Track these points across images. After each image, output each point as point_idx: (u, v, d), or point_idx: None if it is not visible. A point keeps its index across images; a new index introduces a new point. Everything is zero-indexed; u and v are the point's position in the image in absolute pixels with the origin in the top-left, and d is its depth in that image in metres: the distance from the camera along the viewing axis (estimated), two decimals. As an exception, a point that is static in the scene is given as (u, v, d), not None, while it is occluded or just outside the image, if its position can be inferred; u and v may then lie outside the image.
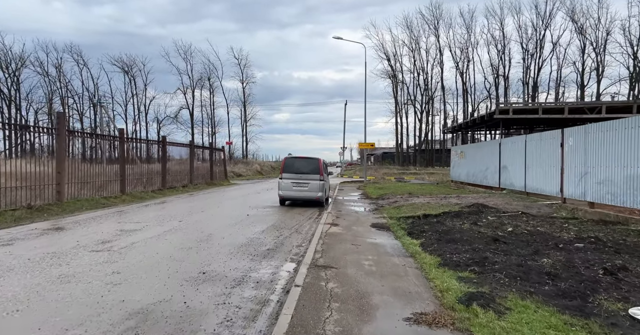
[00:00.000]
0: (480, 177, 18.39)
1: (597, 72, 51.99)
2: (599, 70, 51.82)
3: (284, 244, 7.40)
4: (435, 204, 12.94)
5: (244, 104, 59.81)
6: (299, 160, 14.16)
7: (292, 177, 13.72)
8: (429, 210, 11.24)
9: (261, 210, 12.33)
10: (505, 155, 15.43)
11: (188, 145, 21.85)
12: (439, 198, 14.72)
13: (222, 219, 10.36)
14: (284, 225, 9.52)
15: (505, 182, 15.54)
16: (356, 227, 8.81)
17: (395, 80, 60.44)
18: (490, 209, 10.84)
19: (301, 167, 13.92)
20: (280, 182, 13.80)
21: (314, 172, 13.78)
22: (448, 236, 6.66)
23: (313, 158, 14.14)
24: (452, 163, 23.95)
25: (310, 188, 13.61)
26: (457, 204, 12.54)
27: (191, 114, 56.06)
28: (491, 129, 20.09)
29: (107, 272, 5.25)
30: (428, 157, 61.52)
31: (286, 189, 13.67)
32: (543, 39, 54.89)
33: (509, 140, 15.18)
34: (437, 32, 58.48)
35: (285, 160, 14.12)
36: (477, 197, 14.48)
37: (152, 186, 17.84)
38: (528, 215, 9.85)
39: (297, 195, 13.66)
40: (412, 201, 14.03)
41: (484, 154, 18.02)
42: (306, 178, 13.68)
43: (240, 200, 15.58)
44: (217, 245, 7.14)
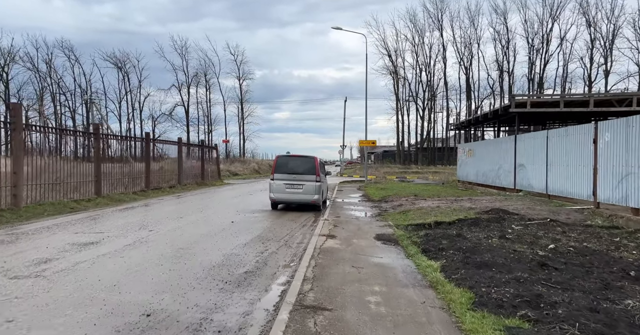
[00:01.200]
0: (492, 177, 16.91)
1: (605, 68, 50.49)
2: (607, 66, 50.33)
3: (267, 263, 5.93)
4: (445, 208, 11.48)
5: (241, 101, 58.30)
6: (293, 159, 12.68)
7: (285, 177, 12.25)
8: (441, 217, 9.77)
9: (249, 216, 10.86)
10: (522, 152, 13.95)
11: (176, 143, 20.37)
12: (449, 201, 13.25)
13: (201, 228, 8.89)
14: (272, 236, 8.05)
15: (522, 182, 14.06)
16: (357, 239, 7.33)
17: (397, 76, 58.91)
18: (513, 216, 9.36)
19: (295, 167, 12.46)
20: (271, 183, 12.33)
21: (310, 172, 12.31)
22: (476, 257, 5.18)
23: (308, 156, 12.66)
24: (459, 162, 22.47)
25: (305, 190, 12.14)
26: (472, 209, 11.08)
27: (186, 112, 54.60)
28: (501, 126, 18.54)
29: (6, 316, 3.76)
30: (430, 155, 60.02)
31: (278, 191, 12.20)
32: (550, 33, 53.36)
33: (526, 136, 13.70)
34: (440, 27, 56.95)
35: (277, 159, 12.64)
36: (491, 200, 13.00)
37: (135, 187, 16.37)
38: (559, 223, 8.37)
39: (291, 198, 12.20)
40: (419, 205, 12.56)
41: (496, 151, 16.53)
42: (301, 179, 12.21)
43: (229, 203, 14.11)
44: (184, 265, 5.67)
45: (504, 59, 56.10)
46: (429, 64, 58.48)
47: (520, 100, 13.62)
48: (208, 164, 25.71)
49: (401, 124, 60.50)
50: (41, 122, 42.86)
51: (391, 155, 69.97)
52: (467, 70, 57.88)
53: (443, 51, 57.74)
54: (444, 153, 61.31)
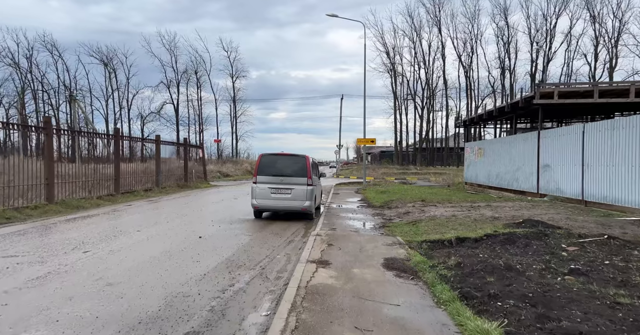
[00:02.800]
0: (509, 179, 14.96)
1: (610, 65, 48.87)
2: (612, 63, 48.71)
3: (226, 313, 3.93)
4: (464, 217, 9.50)
5: (234, 100, 56.12)
6: (280, 158, 10.67)
7: (270, 181, 10.24)
8: (463, 230, 7.79)
9: (225, 228, 8.82)
10: (548, 151, 12.02)
11: (153, 141, 18.27)
12: (464, 208, 11.28)
13: (156, 247, 6.85)
14: (246, 260, 6.03)
15: (548, 186, 12.12)
16: (359, 268, 5.32)
17: (394, 74, 57.03)
18: (555, 230, 7.38)
19: (282, 168, 10.45)
20: (253, 187, 10.31)
21: (300, 174, 10.31)
22: (558, 316, 3.16)
23: (298, 155, 10.65)
24: (467, 162, 20.54)
25: (294, 195, 10.14)
26: (496, 219, 9.11)
27: (176, 110, 52.29)
28: (517, 122, 16.50)
29: None
30: (429, 156, 58.16)
31: (262, 196, 10.18)
32: (554, 30, 51.71)
33: (553, 132, 11.76)
34: (439, 22, 55.12)
35: (260, 158, 10.61)
36: (514, 206, 11.05)
37: (101, 191, 14.28)
38: (623, 241, 6.41)
39: (277, 205, 10.18)
40: (430, 213, 10.58)
41: (513, 150, 14.59)
42: (289, 182, 10.21)
43: (207, 210, 12.06)
44: (93, 321, 3.64)
45: (506, 56, 54.42)
46: (427, 61, 56.70)
47: (546, 90, 11.67)
48: (193, 164, 23.62)
49: (399, 124, 58.63)
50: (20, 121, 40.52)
51: (389, 155, 68.07)
52: (467, 68, 56.12)
53: (442, 48, 55.98)
54: (442, 153, 59.51)
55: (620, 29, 49.22)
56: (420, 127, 57.62)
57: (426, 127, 57.82)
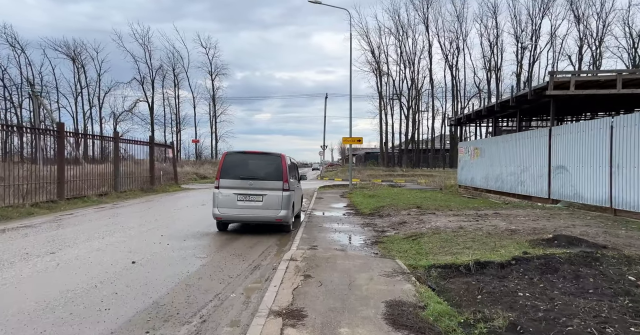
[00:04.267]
0: (512, 182, 13.36)
1: (595, 66, 48.60)
2: (596, 64, 48.45)
3: None
4: (473, 230, 7.75)
5: (213, 98, 53.63)
6: (249, 157, 8.73)
7: (236, 185, 8.30)
8: (480, 250, 6.02)
9: (174, 247, 6.82)
10: (563, 150, 10.42)
11: (111, 139, 16.01)
12: (469, 217, 9.55)
13: (61, 279, 4.84)
14: (182, 306, 4.08)
15: (562, 190, 10.51)
16: (350, 327, 3.42)
17: (380, 73, 55.61)
18: (602, 251, 5.64)
19: (252, 170, 8.54)
20: (216, 193, 8.34)
21: (274, 176, 8.41)
22: None
23: (272, 154, 8.73)
24: (461, 163, 18.96)
25: (266, 203, 8.22)
26: (513, 232, 7.38)
27: (151, 109, 49.38)
28: (523, 119, 14.83)
29: None
30: (415, 157, 56.92)
31: (226, 205, 8.23)
32: (539, 30, 51.24)
33: (570, 128, 10.17)
34: (426, 20, 54.01)
35: (224, 157, 8.63)
36: (528, 215, 9.37)
37: (40, 196, 12.03)
38: None
39: (245, 215, 8.24)
40: (431, 223, 8.80)
41: (518, 150, 13.00)
42: (260, 187, 8.29)
43: (162, 221, 10.00)
44: None
45: (492, 57, 53.71)
46: (413, 60, 55.50)
47: (561, 80, 10.07)
48: (162, 165, 21.39)
49: (384, 124, 57.21)
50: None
51: (374, 157, 66.64)
52: (453, 68, 55.21)
53: (429, 47, 54.87)
54: (429, 155, 58.42)
55: (604, 31, 49.10)
56: (407, 128, 56.41)
57: (412, 128, 56.62)
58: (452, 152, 58.87)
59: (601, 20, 48.94)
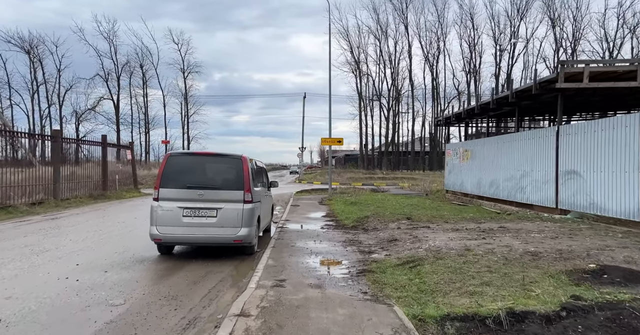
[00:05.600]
0: (510, 188, 11.95)
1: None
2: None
3: None
4: (484, 252, 6.13)
5: (186, 97, 50.90)
6: (199, 160, 6.86)
7: (182, 196, 6.42)
8: (508, 291, 4.40)
9: (83, 284, 4.87)
10: (575, 152, 9.02)
11: (49, 137, 13.69)
12: (473, 233, 7.96)
13: None
14: None
15: (574, 199, 9.10)
16: None
17: (360, 73, 54.36)
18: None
19: (204, 176, 6.70)
20: (154, 207, 6.42)
21: (232, 184, 6.60)
22: None
23: (229, 156, 6.89)
24: (449, 167, 17.56)
25: (222, 219, 6.38)
26: (535, 256, 5.81)
27: (116, 107, 46.13)
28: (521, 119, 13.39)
29: None
30: (395, 160, 55.89)
31: (168, 222, 6.32)
32: (517, 32, 51.21)
33: (585, 126, 8.77)
34: (405, 19, 53.13)
35: (167, 160, 6.69)
36: (541, 230, 7.87)
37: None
38: None
39: (194, 235, 6.34)
40: (428, 241, 7.14)
41: (517, 152, 11.60)
42: (214, 198, 6.45)
43: (92, 239, 7.95)
44: None
45: (471, 58, 53.36)
46: (393, 61, 54.51)
47: (574, 70, 8.65)
48: (118, 168, 19.07)
49: (364, 126, 56.01)
50: None
51: (354, 159, 65.36)
52: (434, 69, 54.57)
53: (409, 47, 54.02)
54: (409, 158, 57.54)
55: (579, 34, 49.46)
56: (387, 130, 55.34)
57: (392, 130, 55.59)
58: (432, 154, 58.25)
59: (577, 22, 49.33)
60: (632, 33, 47.84)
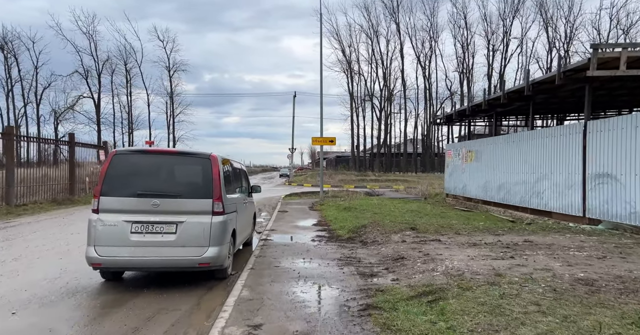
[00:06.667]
0: (523, 192, 10.67)
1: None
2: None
3: None
4: (520, 278, 4.76)
5: (171, 96, 49.04)
6: (155, 160, 5.37)
7: (130, 207, 4.95)
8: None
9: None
10: (609, 152, 7.75)
11: (1, 135, 12.02)
12: (495, 249, 6.61)
13: None
14: None
15: (608, 207, 7.82)
16: None
17: (351, 73, 53.14)
18: None
19: (160, 181, 5.23)
20: (93, 222, 4.92)
21: (198, 191, 5.17)
22: None
23: (194, 155, 5.44)
24: (449, 169, 16.29)
25: (183, 237, 4.94)
26: (593, 287, 4.45)
27: (97, 106, 44.04)
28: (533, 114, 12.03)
29: None
30: (387, 161, 54.74)
31: (111, 241, 4.83)
32: (510, 32, 50.57)
33: (623, 121, 7.49)
34: (396, 17, 52.09)
35: (111, 159, 5.17)
36: (580, 247, 6.55)
37: None
38: None
39: (145, 258, 4.85)
40: (445, 262, 5.75)
41: (532, 152, 10.34)
42: (173, 209, 5.01)
43: (27, 258, 6.42)
44: None
45: (464, 58, 52.56)
46: (385, 60, 53.41)
47: (609, 56, 7.38)
48: (89, 170, 17.39)
49: (356, 127, 54.79)
50: None
51: (345, 160, 64.07)
52: (426, 69, 53.61)
53: (400, 47, 52.97)
54: (401, 159, 56.48)
55: (572, 35, 48.98)
56: (379, 130, 54.20)
57: (384, 131, 54.44)
58: (425, 156, 57.30)
59: (570, 23, 48.83)
60: (625, 34, 47.53)
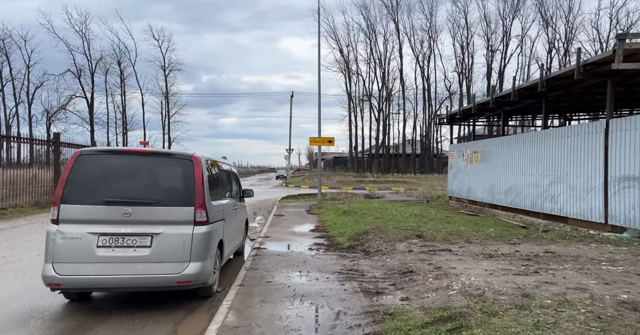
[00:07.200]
0: (534, 196, 10.01)
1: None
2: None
3: None
4: (552, 300, 4.05)
5: (166, 96, 48.19)
6: (126, 161, 4.62)
7: (95, 216, 4.21)
8: None
9: None
10: (635, 153, 7.09)
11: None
12: (514, 261, 5.93)
13: None
14: None
15: (634, 214, 7.15)
16: None
17: (349, 73, 52.46)
18: None
19: (131, 185, 4.48)
20: (51, 234, 4.17)
21: (177, 198, 4.44)
22: None
23: (173, 155, 4.72)
24: (453, 170, 15.63)
25: (158, 251, 4.20)
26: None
27: (90, 106, 43.12)
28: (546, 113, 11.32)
29: None
30: (386, 163, 54.06)
31: (73, 257, 4.09)
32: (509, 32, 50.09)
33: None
34: (395, 17, 51.47)
35: (75, 160, 4.43)
36: (612, 260, 5.89)
37: None
38: None
39: (114, 277, 4.11)
40: (460, 278, 5.05)
41: (544, 153, 9.68)
42: (147, 219, 4.27)
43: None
44: None
45: (462, 58, 52.02)
46: (383, 60, 52.77)
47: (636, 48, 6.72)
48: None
49: (354, 127, 54.07)
50: None
51: (343, 162, 63.35)
52: (424, 69, 53.02)
53: (399, 47, 52.34)
54: (399, 160, 55.83)
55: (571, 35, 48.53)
56: (377, 131, 53.51)
57: (383, 132, 53.78)
58: (424, 157, 56.68)
59: (570, 23, 48.39)
60: (625, 34, 47.15)
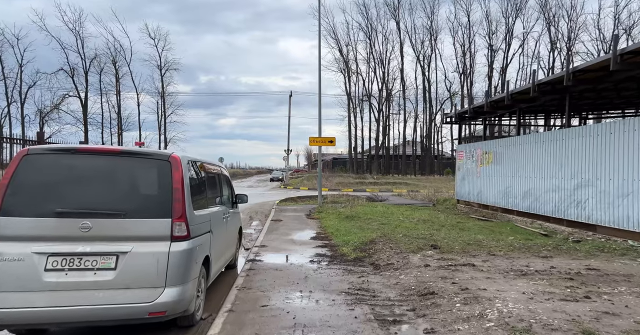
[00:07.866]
0: (556, 201, 9.16)
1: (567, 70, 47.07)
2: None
3: None
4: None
5: (163, 96, 47.21)
6: (86, 161, 3.70)
7: (43, 231, 3.29)
8: None
9: None
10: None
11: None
12: (556, 281, 5.07)
13: None
14: None
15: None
16: None
17: (348, 72, 51.63)
18: None
19: (92, 192, 3.55)
20: (-18, 256, 3.25)
21: (149, 207, 3.52)
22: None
23: (146, 155, 3.82)
24: (461, 172, 14.77)
25: (125, 274, 3.28)
26: None
27: (84, 106, 42.10)
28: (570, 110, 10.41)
29: None
30: (386, 164, 53.23)
31: (13, 284, 3.17)
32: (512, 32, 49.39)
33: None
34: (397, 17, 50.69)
35: (20, 161, 3.53)
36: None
37: None
38: None
39: (67, 310, 3.19)
40: (495, 306, 4.16)
41: (568, 154, 8.84)
42: (110, 235, 3.35)
43: None
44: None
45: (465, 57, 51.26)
46: (384, 59, 51.97)
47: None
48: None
49: (354, 128, 53.21)
50: None
51: (342, 163, 62.51)
52: (425, 68, 52.24)
53: (400, 46, 51.53)
54: (400, 161, 55.00)
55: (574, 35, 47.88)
56: (377, 132, 52.65)
57: (382, 133, 52.94)
58: (425, 158, 55.87)
59: (573, 22, 47.73)
60: (627, 34, 46.48)
